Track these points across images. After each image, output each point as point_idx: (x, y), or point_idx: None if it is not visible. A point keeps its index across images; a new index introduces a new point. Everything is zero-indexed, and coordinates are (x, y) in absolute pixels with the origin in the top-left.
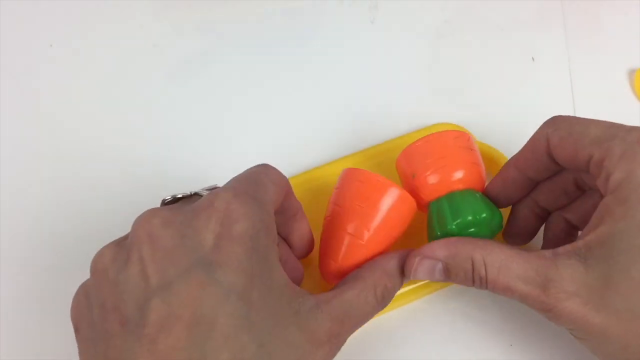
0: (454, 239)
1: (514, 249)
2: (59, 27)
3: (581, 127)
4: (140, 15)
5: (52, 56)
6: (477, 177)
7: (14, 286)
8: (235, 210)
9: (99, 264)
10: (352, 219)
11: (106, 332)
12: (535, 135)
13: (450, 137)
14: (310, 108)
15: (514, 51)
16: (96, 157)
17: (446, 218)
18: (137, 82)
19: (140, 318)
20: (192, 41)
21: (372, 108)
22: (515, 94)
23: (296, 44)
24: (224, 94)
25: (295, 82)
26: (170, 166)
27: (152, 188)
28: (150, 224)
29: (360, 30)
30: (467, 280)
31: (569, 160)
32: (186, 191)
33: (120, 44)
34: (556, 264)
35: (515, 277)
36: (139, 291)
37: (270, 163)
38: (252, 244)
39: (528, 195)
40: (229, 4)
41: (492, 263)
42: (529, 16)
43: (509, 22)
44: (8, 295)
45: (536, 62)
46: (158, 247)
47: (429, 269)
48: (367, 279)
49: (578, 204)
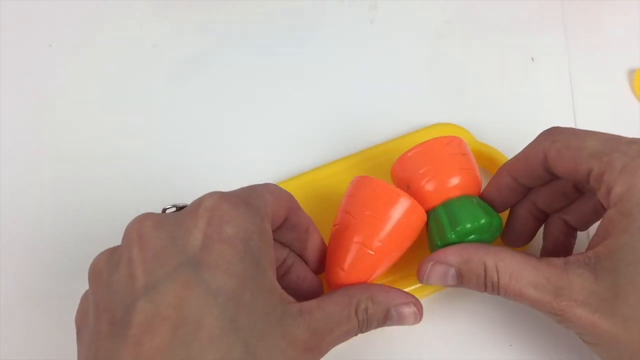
0: (466, 244)
1: (525, 256)
2: (59, 27)
3: (579, 140)
4: (140, 15)
5: (52, 56)
6: (472, 181)
7: (13, 286)
8: (226, 211)
9: (95, 268)
10: (362, 227)
11: (98, 333)
12: (532, 146)
13: (441, 145)
14: (310, 108)
15: (514, 51)
16: (95, 157)
17: (445, 227)
18: (136, 82)
19: (127, 319)
20: (192, 41)
21: (372, 108)
22: (515, 94)
23: (296, 44)
24: (224, 93)
25: (294, 82)
26: (170, 166)
27: (151, 187)
28: (141, 225)
29: (359, 31)
30: (479, 286)
31: (567, 173)
32: (187, 202)
33: (120, 44)
34: (567, 272)
35: (527, 284)
36: (126, 292)
37: (269, 162)
38: (244, 246)
39: (526, 198)
40: (229, 3)
41: (505, 269)
42: (529, 16)
43: (509, 22)
44: (8, 295)
45: (536, 62)
46: (147, 248)
47: (442, 275)
48: (352, 297)
49: (577, 205)
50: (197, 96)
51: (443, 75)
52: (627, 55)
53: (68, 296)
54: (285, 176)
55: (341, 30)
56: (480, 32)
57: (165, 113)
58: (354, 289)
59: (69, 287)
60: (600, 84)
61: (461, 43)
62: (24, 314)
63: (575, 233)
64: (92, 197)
